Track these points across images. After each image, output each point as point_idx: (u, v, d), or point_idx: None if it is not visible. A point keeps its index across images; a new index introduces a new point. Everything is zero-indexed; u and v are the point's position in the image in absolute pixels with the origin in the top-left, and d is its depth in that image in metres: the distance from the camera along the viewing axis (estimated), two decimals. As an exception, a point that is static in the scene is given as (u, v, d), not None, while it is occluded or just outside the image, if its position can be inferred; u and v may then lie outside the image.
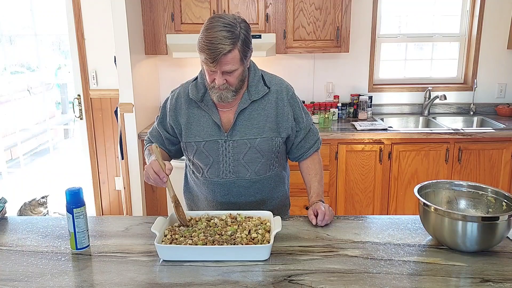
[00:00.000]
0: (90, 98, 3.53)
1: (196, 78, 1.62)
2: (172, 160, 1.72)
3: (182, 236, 1.35)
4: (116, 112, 3.09)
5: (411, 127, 3.49)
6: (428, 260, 1.27)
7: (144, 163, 3.11)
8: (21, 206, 3.53)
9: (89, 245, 1.37)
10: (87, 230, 1.36)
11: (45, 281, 1.19)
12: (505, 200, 1.38)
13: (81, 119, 3.59)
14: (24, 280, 1.19)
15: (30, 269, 1.25)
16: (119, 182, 3.57)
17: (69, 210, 1.33)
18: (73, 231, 1.33)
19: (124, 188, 3.21)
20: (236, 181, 1.60)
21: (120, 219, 1.61)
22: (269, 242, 1.29)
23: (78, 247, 1.34)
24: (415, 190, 1.42)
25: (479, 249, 1.29)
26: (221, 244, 1.29)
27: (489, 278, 1.17)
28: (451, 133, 3.01)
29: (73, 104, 3.57)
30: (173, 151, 1.71)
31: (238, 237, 1.33)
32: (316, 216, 1.51)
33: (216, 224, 1.43)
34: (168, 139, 1.68)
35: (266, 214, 1.49)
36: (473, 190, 1.47)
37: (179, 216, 1.46)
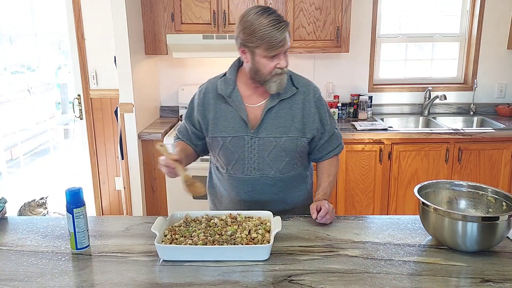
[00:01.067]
0: (90, 98, 3.53)
1: (225, 74, 1.64)
2: (195, 160, 1.76)
3: (182, 236, 1.35)
4: (116, 112, 3.09)
5: (411, 127, 3.49)
6: (428, 260, 1.27)
7: (144, 162, 3.12)
8: (21, 207, 3.53)
9: (89, 245, 1.37)
10: (87, 230, 1.36)
11: (45, 281, 1.19)
12: (505, 200, 1.38)
13: (81, 119, 3.59)
14: (24, 280, 1.19)
15: (30, 269, 1.25)
16: (119, 182, 3.57)
17: (69, 210, 1.32)
18: (73, 231, 1.33)
19: (124, 188, 3.21)
20: (260, 179, 1.60)
21: (120, 219, 1.61)
22: (269, 242, 1.29)
23: (78, 247, 1.34)
24: (415, 190, 1.42)
25: (479, 249, 1.29)
26: (221, 244, 1.29)
27: (489, 278, 1.17)
28: (451, 133, 3.01)
29: (73, 104, 3.57)
30: (200, 146, 1.72)
31: (238, 237, 1.33)
32: (318, 212, 1.50)
33: (216, 224, 1.43)
34: (195, 134, 1.69)
35: (266, 214, 1.48)
36: (473, 190, 1.47)
37: (195, 191, 1.46)
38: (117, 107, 3.05)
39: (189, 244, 1.30)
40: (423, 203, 1.35)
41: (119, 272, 1.22)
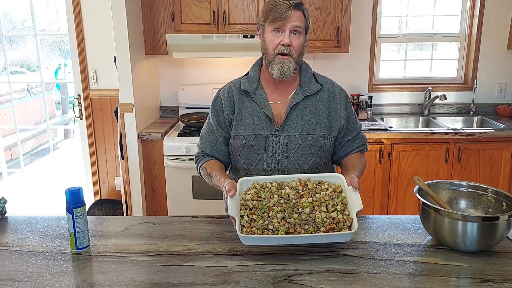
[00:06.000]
0: (90, 98, 3.53)
1: (247, 73, 1.63)
2: None
3: (259, 216, 1.30)
4: (116, 112, 3.09)
5: (411, 127, 3.49)
6: (428, 260, 1.27)
7: (144, 163, 3.12)
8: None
9: (89, 245, 1.37)
10: (87, 230, 1.36)
11: (45, 281, 1.19)
12: (505, 200, 1.37)
13: (81, 119, 3.59)
14: (24, 280, 1.19)
15: (30, 269, 1.25)
16: (119, 182, 3.57)
17: (69, 210, 1.32)
18: (73, 231, 1.33)
19: (124, 188, 3.21)
20: None
21: (120, 219, 1.61)
22: (351, 224, 1.27)
23: (78, 247, 1.34)
24: (415, 190, 1.42)
25: (479, 249, 1.29)
26: (302, 226, 1.27)
27: (489, 278, 1.17)
28: (451, 133, 3.01)
29: (73, 104, 3.57)
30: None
31: (318, 217, 1.29)
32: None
33: (288, 195, 1.37)
34: (226, 139, 1.62)
35: (336, 179, 1.42)
36: (473, 190, 1.47)
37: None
38: (117, 107, 3.05)
39: (270, 229, 1.27)
40: (423, 203, 1.35)
41: (119, 272, 1.22)
